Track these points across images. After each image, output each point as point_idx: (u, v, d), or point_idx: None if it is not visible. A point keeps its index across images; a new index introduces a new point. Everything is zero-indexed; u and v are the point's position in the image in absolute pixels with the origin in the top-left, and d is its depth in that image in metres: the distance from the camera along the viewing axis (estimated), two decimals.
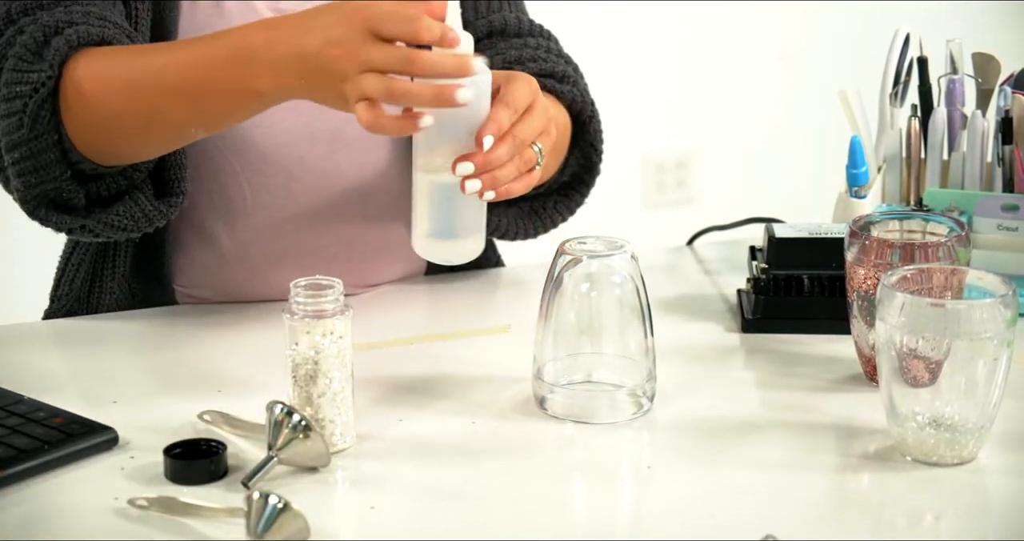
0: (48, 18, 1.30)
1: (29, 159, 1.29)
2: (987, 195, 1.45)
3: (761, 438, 1.19)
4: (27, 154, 1.29)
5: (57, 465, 1.13)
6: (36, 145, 1.29)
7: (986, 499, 1.12)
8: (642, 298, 1.21)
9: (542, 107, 1.22)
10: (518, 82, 1.21)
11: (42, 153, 1.29)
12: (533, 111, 1.21)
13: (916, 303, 1.11)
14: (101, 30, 1.30)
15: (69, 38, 1.28)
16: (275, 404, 1.11)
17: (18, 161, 1.30)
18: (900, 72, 1.52)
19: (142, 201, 1.35)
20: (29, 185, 1.31)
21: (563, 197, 1.51)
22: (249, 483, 1.09)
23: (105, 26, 1.31)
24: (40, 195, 1.32)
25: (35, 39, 1.29)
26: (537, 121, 1.21)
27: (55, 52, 1.28)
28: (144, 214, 1.35)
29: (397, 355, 1.36)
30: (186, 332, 1.42)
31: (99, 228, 1.35)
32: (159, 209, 1.36)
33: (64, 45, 1.28)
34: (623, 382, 1.23)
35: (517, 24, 1.51)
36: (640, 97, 3.21)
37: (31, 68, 1.28)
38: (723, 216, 1.73)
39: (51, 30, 1.29)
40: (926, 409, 1.12)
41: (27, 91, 1.27)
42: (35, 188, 1.31)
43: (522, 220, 1.51)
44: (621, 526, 1.10)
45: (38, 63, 1.28)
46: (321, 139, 1.44)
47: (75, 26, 1.29)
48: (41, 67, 1.28)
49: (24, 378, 1.28)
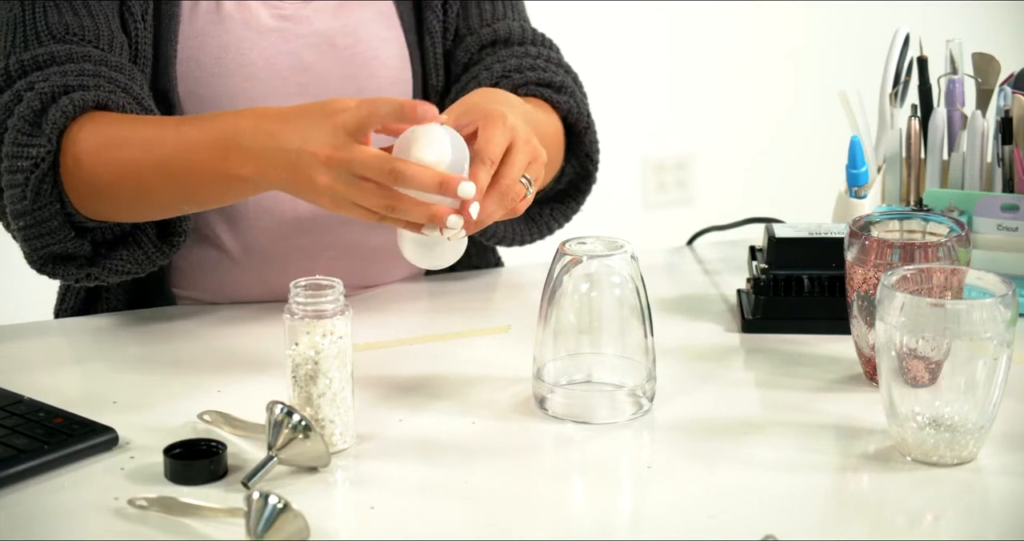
0: (43, 84, 1.31)
1: (34, 227, 1.31)
2: (987, 195, 1.45)
3: (761, 438, 1.19)
4: (32, 222, 1.31)
5: (57, 465, 1.13)
6: (40, 214, 1.31)
7: (986, 499, 1.12)
8: (642, 298, 1.21)
9: (523, 141, 1.21)
10: (490, 127, 1.19)
11: (46, 221, 1.31)
12: (514, 150, 1.20)
13: (916, 303, 1.11)
14: (96, 94, 1.31)
15: (65, 109, 1.29)
16: (275, 404, 1.11)
17: (23, 228, 1.32)
18: (900, 72, 1.52)
19: (145, 243, 1.37)
20: (35, 248, 1.33)
21: (559, 204, 1.52)
22: (249, 483, 1.09)
23: (100, 86, 1.32)
24: (47, 255, 1.35)
25: (32, 109, 1.30)
26: (520, 159, 1.20)
27: (52, 125, 1.29)
28: (147, 256, 1.38)
29: (397, 355, 1.36)
30: (186, 332, 1.42)
31: (103, 274, 1.37)
32: (161, 249, 1.38)
33: (60, 117, 1.29)
34: (623, 382, 1.23)
35: (520, 33, 1.51)
36: (640, 97, 3.21)
37: (31, 142, 1.29)
38: (723, 216, 1.73)
39: (47, 98, 1.31)
40: (926, 409, 1.12)
41: (28, 166, 1.29)
42: (41, 250, 1.34)
43: (518, 227, 1.51)
44: (621, 526, 1.10)
45: (37, 136, 1.30)
46: None
47: (70, 94, 1.30)
48: (40, 142, 1.29)
49: (24, 378, 1.28)
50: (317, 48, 1.44)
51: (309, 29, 1.44)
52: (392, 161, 1.15)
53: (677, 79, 3.25)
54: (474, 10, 1.51)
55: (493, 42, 1.50)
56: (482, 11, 1.51)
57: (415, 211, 1.16)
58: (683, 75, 3.26)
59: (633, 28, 3.16)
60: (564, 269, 1.21)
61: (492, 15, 1.51)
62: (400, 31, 1.48)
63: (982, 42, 1.56)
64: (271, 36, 1.43)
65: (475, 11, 1.51)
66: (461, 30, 1.50)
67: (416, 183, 1.15)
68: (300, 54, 1.43)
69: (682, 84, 3.26)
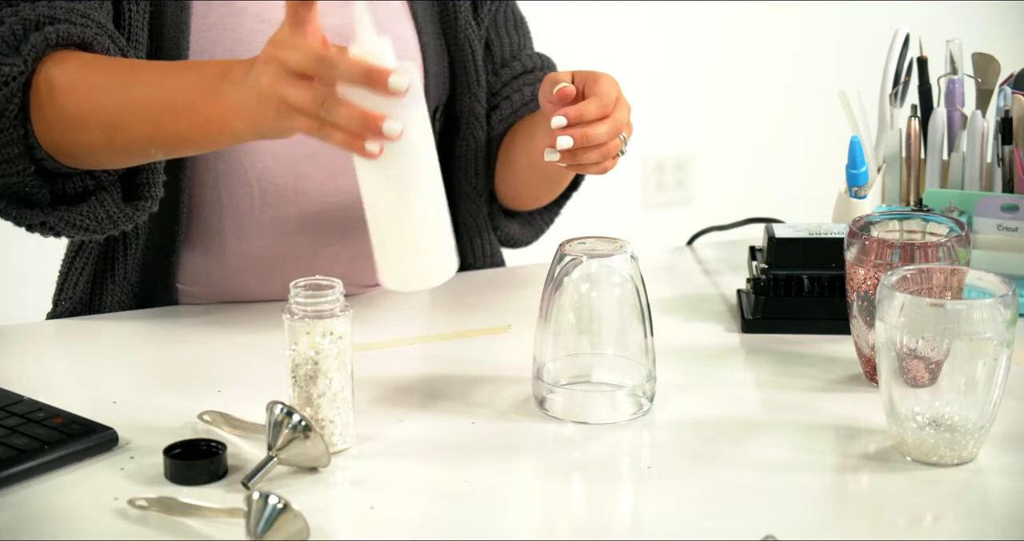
0: (30, 12, 1.29)
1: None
2: (987, 195, 1.45)
3: (761, 438, 1.19)
4: None
5: (57, 465, 1.13)
6: (1, 138, 1.27)
7: (986, 499, 1.12)
8: (642, 298, 1.21)
9: (625, 100, 1.32)
10: (603, 80, 1.30)
11: (6, 146, 1.28)
12: (621, 102, 1.31)
13: (916, 303, 1.11)
14: (82, 30, 1.29)
15: (48, 36, 1.27)
16: (275, 404, 1.11)
17: None
18: (900, 72, 1.52)
19: (108, 203, 1.34)
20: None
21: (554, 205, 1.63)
22: (249, 483, 1.09)
23: (87, 26, 1.30)
24: (3, 188, 1.31)
25: (14, 32, 1.28)
26: (625, 112, 1.31)
27: (31, 48, 1.27)
28: (108, 216, 1.34)
29: (397, 355, 1.36)
30: (186, 332, 1.42)
31: (60, 225, 1.33)
32: (125, 212, 1.35)
33: (41, 42, 1.27)
34: (623, 382, 1.23)
35: (540, 61, 1.62)
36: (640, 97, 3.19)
37: (4, 61, 1.27)
38: (723, 216, 1.74)
39: (31, 24, 1.28)
40: (926, 409, 1.12)
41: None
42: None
43: (523, 229, 1.62)
44: (621, 526, 1.10)
45: (12, 56, 1.27)
46: None
47: (56, 24, 1.28)
48: (15, 61, 1.26)
49: (24, 378, 1.28)
50: None
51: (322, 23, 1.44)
52: (321, 50, 1.08)
53: (677, 79, 3.25)
54: (506, 39, 1.59)
55: (522, 72, 1.60)
56: (512, 42, 1.60)
57: (344, 110, 1.06)
58: (683, 75, 3.26)
59: (633, 28, 3.16)
60: (564, 269, 1.21)
61: (519, 45, 1.61)
62: (413, 30, 1.49)
63: (982, 42, 1.56)
64: None
65: (507, 41, 1.59)
66: (496, 61, 1.59)
67: (344, 71, 1.06)
68: None
69: (682, 84, 3.26)
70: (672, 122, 3.27)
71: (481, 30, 1.56)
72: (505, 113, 1.56)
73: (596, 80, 1.31)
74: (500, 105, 1.57)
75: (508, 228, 1.62)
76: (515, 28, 1.61)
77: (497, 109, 1.57)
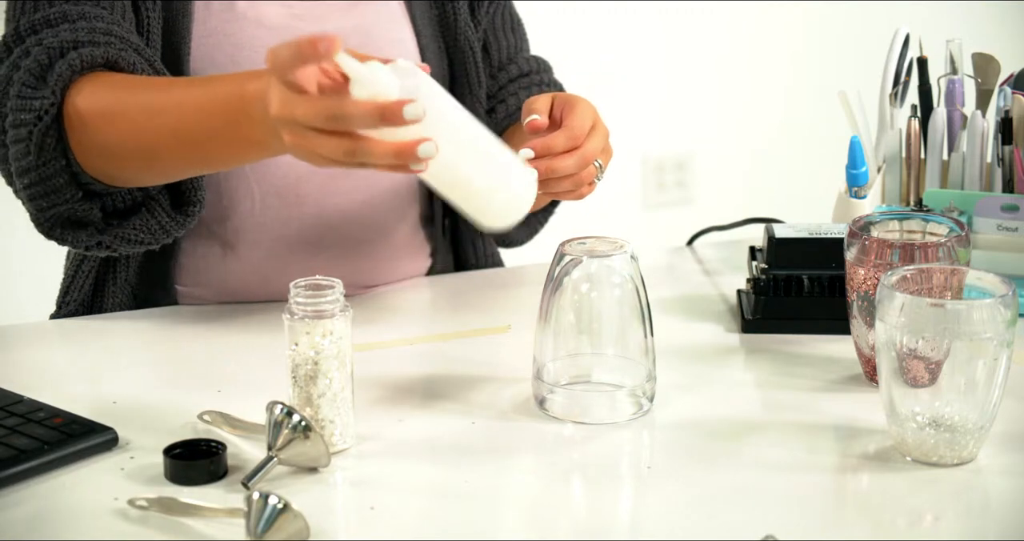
0: (52, 40, 1.29)
1: (39, 184, 1.29)
2: (987, 195, 1.45)
3: (761, 438, 1.19)
4: (36, 180, 1.29)
5: (57, 465, 1.13)
6: (45, 171, 1.29)
7: (986, 499, 1.12)
8: (642, 298, 1.21)
9: (602, 128, 1.31)
10: (577, 109, 1.29)
11: (51, 178, 1.29)
12: (595, 131, 1.29)
13: (916, 303, 1.11)
14: (106, 50, 1.29)
15: (72, 63, 1.27)
16: (275, 404, 1.11)
17: (28, 186, 1.30)
18: (900, 72, 1.52)
19: (159, 213, 1.36)
20: (42, 209, 1.31)
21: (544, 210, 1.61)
22: (249, 483, 1.09)
23: (111, 44, 1.30)
24: (54, 217, 1.32)
25: (39, 63, 1.28)
26: (599, 141, 1.29)
27: (57, 78, 1.27)
28: (161, 226, 1.36)
29: (397, 355, 1.36)
30: (186, 332, 1.42)
31: (116, 243, 1.35)
32: (176, 219, 1.36)
33: (67, 70, 1.27)
34: (623, 382, 1.23)
35: (526, 64, 1.61)
36: (640, 97, 3.21)
37: (34, 95, 1.27)
38: (723, 216, 1.74)
39: (56, 53, 1.29)
40: (926, 409, 1.12)
41: (31, 119, 1.27)
42: (48, 211, 1.32)
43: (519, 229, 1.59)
44: (621, 526, 1.10)
45: (41, 89, 1.28)
46: None
47: (80, 48, 1.28)
48: (44, 94, 1.27)
49: (24, 378, 1.28)
50: None
51: (321, 28, 1.44)
52: (328, 104, 1.08)
53: (677, 79, 3.25)
54: (503, 42, 1.58)
55: (519, 75, 1.59)
56: (509, 45, 1.59)
57: (377, 151, 1.08)
58: (683, 75, 3.26)
59: (633, 28, 3.16)
60: (564, 269, 1.21)
61: (515, 48, 1.61)
62: (412, 32, 1.49)
63: (982, 42, 1.56)
64: (284, 34, 1.42)
65: (504, 44, 1.58)
66: (494, 64, 1.58)
67: (358, 121, 1.07)
68: None
69: (682, 84, 3.26)
70: (672, 122, 3.28)
71: (479, 31, 1.56)
72: (500, 117, 1.56)
73: (572, 108, 1.29)
74: (495, 109, 1.57)
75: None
76: (512, 31, 1.61)
77: (492, 113, 1.57)
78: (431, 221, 1.57)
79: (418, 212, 1.55)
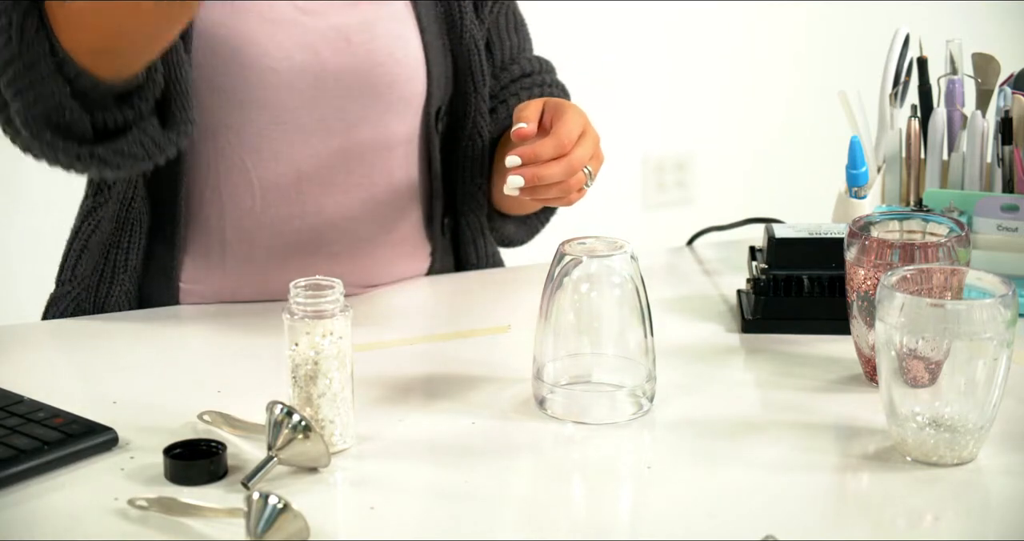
0: None
1: (24, 75, 1.26)
2: (987, 195, 1.45)
3: (761, 438, 1.19)
4: (20, 70, 1.26)
5: (57, 465, 1.13)
6: (28, 58, 1.25)
7: (986, 499, 1.12)
8: (642, 298, 1.21)
9: (592, 134, 1.33)
10: (566, 116, 1.32)
11: (35, 65, 1.26)
12: (585, 138, 1.32)
13: (916, 303, 1.11)
14: None
15: None
16: (275, 404, 1.11)
17: (13, 80, 1.27)
18: (900, 72, 1.52)
19: (150, 130, 1.33)
20: (28, 104, 1.27)
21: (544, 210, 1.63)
22: (249, 483, 1.09)
23: None
24: (42, 116, 1.28)
25: None
26: (587, 148, 1.32)
27: None
28: (154, 142, 1.33)
29: (397, 355, 1.36)
30: (186, 332, 1.42)
31: (109, 155, 1.31)
32: (168, 137, 1.35)
33: None
34: (623, 382, 1.23)
35: (530, 64, 1.62)
36: (640, 97, 3.21)
37: None
38: (723, 216, 1.74)
39: None
40: (926, 409, 1.12)
41: (8, 5, 1.25)
42: (35, 107, 1.27)
43: (518, 229, 1.62)
44: (621, 526, 1.10)
45: None
46: (335, 135, 1.44)
47: None
48: None
49: (24, 378, 1.28)
50: (332, 43, 1.44)
51: (325, 23, 1.44)
52: None
53: (677, 79, 3.26)
54: (507, 42, 1.59)
55: (522, 75, 1.61)
56: (512, 45, 1.60)
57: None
58: (683, 75, 3.26)
59: (634, 28, 3.16)
60: (564, 269, 1.21)
61: (518, 48, 1.62)
62: (416, 30, 1.49)
63: (982, 42, 1.56)
64: (288, 28, 1.42)
65: (507, 44, 1.59)
66: (496, 64, 1.59)
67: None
68: (316, 48, 1.43)
69: (682, 84, 3.26)
70: (672, 122, 3.28)
71: (483, 30, 1.56)
72: (501, 116, 1.56)
73: (561, 115, 1.32)
74: (497, 108, 1.57)
75: (503, 228, 1.62)
76: (515, 31, 1.61)
77: (494, 112, 1.57)
78: (431, 221, 1.57)
79: (418, 212, 1.55)
